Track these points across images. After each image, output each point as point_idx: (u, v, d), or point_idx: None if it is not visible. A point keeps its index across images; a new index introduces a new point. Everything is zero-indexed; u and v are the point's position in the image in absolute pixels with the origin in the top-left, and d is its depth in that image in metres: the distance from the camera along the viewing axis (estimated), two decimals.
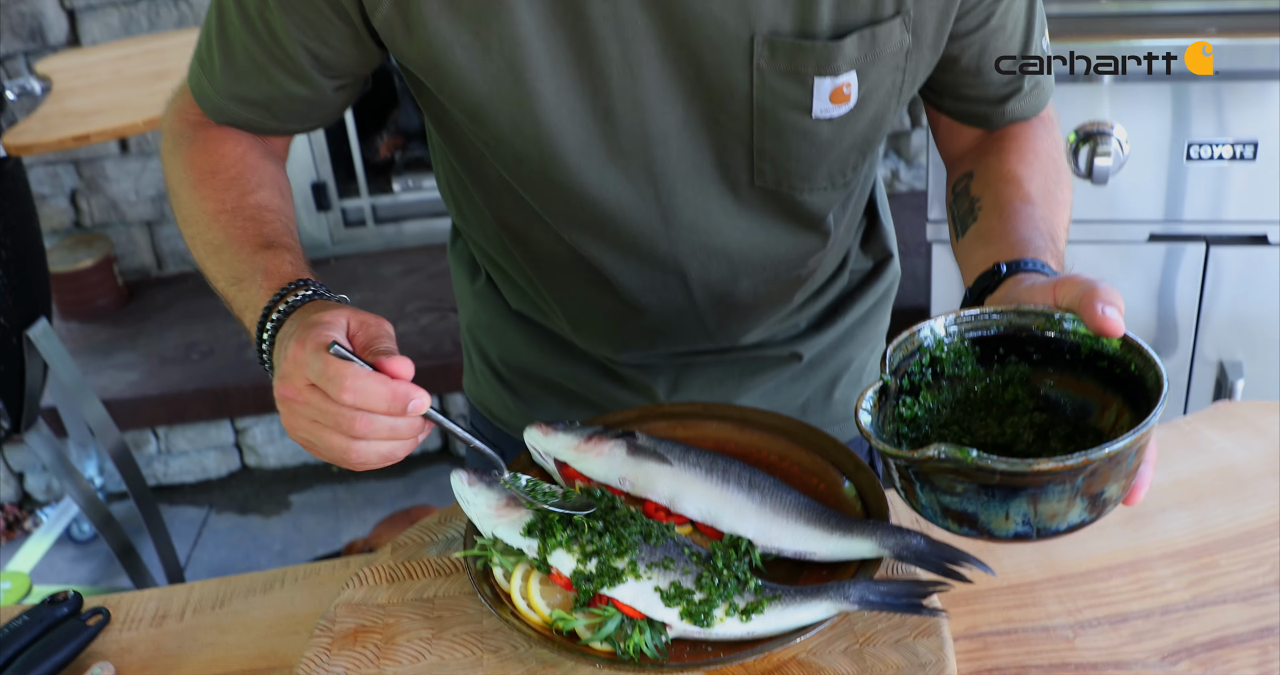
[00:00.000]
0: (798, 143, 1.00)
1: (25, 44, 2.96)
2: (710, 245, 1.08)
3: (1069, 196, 1.09)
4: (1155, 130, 1.82)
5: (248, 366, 2.83)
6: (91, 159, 3.10)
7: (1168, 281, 1.92)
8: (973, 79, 1.07)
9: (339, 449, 0.84)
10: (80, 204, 3.16)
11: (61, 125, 1.92)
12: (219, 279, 1.00)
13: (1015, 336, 0.86)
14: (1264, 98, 1.78)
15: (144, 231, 3.22)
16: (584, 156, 1.00)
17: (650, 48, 0.94)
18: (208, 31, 1.03)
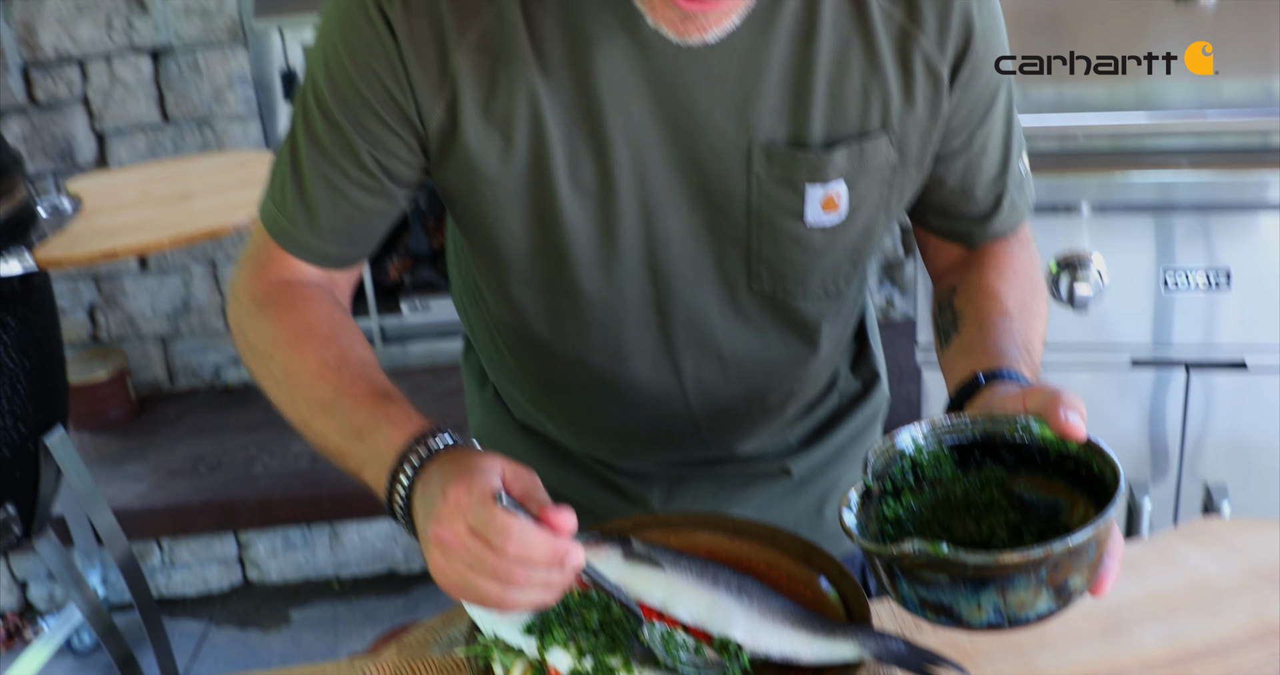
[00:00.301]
0: (792, 249, 1.07)
1: (55, 164, 3.08)
2: (707, 346, 1.14)
3: (1044, 309, 1.17)
4: (1132, 259, 1.90)
5: (254, 480, 2.87)
6: (112, 275, 3.19)
7: (1156, 406, 1.97)
8: (957, 198, 1.15)
9: (494, 596, 0.86)
10: (98, 318, 3.25)
11: (90, 241, 2.00)
12: (331, 434, 1.02)
13: (990, 442, 0.93)
14: (1236, 229, 1.87)
15: (158, 346, 3.30)
16: (593, 254, 1.07)
17: (658, 155, 1.03)
18: (280, 173, 1.09)
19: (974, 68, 1.06)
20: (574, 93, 1.00)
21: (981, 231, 1.18)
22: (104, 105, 3.08)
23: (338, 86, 1.02)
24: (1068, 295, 1.90)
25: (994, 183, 1.15)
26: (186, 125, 3.10)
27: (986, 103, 1.09)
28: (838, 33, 1.01)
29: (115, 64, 3.05)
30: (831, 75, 1.01)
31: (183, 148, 3.11)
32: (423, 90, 1.00)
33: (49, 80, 3.05)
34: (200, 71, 3.05)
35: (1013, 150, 1.16)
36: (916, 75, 1.03)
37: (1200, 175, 1.89)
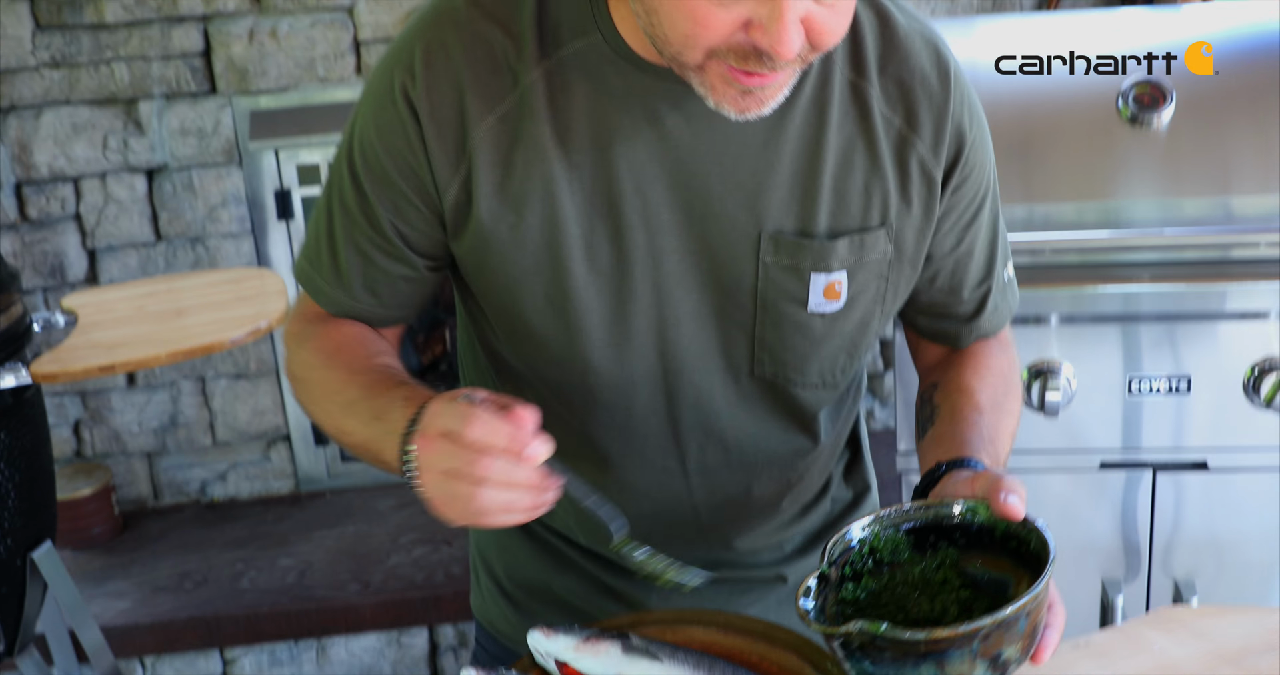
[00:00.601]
0: (794, 335, 1.14)
1: (45, 280, 3.14)
2: (710, 429, 1.20)
3: (1016, 407, 1.25)
4: (1099, 367, 1.98)
5: (240, 595, 2.87)
6: (99, 390, 3.23)
7: (1127, 506, 2.04)
8: (945, 298, 1.23)
9: (464, 496, 0.92)
10: (83, 434, 3.27)
11: (86, 356, 2.04)
12: (356, 429, 1.09)
13: (942, 525, 1.01)
14: (1194, 337, 1.95)
15: (144, 462, 3.32)
16: (605, 333, 1.13)
17: (672, 240, 1.10)
18: (316, 233, 1.18)
19: (964, 175, 1.15)
20: (595, 177, 1.07)
21: (967, 332, 1.27)
22: (96, 223, 3.15)
23: (366, 160, 1.11)
24: (1039, 401, 1.97)
25: (979, 285, 1.24)
26: (179, 243, 3.17)
27: (975, 208, 1.18)
28: (843, 134, 1.10)
29: (109, 182, 3.13)
30: (837, 173, 1.10)
31: (174, 265, 3.17)
32: (440, 166, 1.08)
33: (42, 198, 3.12)
34: (194, 190, 3.14)
35: (998, 256, 1.25)
36: (913, 177, 1.12)
37: (1162, 288, 1.98)
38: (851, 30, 1.10)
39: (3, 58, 3.02)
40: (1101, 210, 2.03)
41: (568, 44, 1.07)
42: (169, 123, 3.10)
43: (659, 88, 1.06)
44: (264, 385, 3.28)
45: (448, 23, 1.08)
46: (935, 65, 1.13)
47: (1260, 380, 1.94)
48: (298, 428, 3.30)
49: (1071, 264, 2.03)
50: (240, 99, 3.10)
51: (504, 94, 1.07)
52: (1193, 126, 2.03)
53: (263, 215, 3.18)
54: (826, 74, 1.10)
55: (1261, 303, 1.95)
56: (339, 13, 3.07)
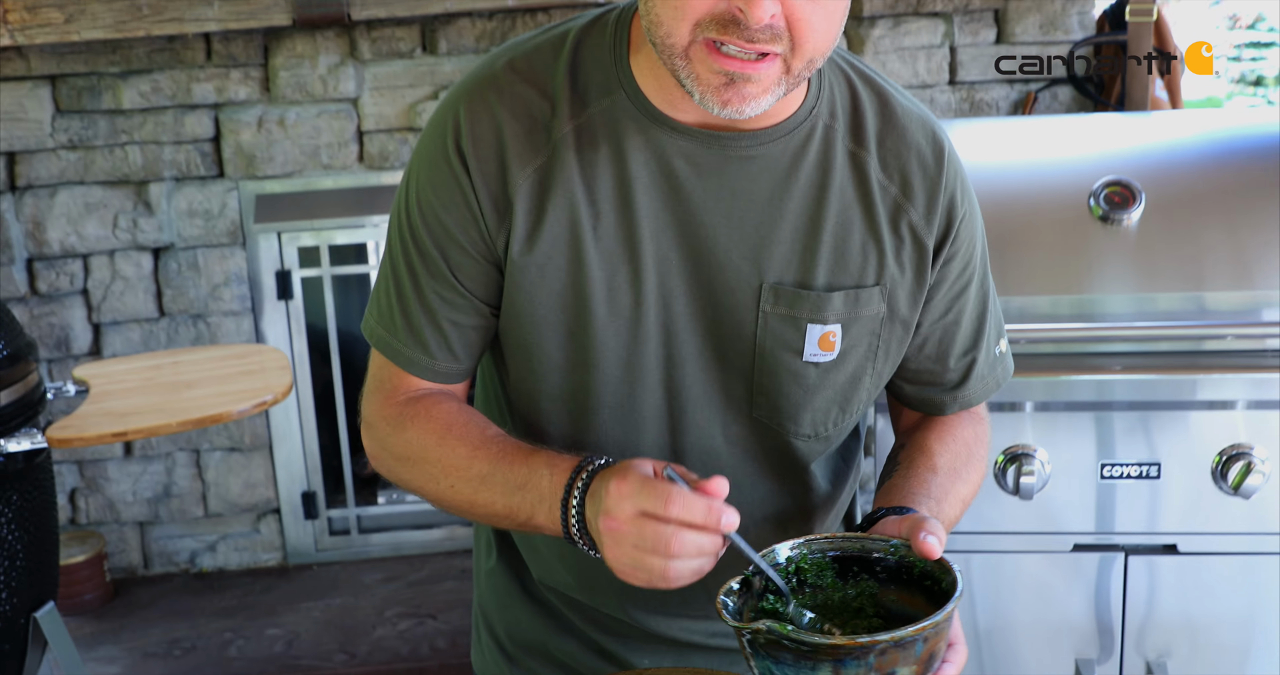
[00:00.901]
0: (789, 382, 1.22)
1: (51, 352, 3.21)
2: (710, 467, 1.26)
3: (974, 477, 1.32)
4: (1072, 452, 2.06)
5: (229, 664, 2.90)
6: (96, 460, 3.29)
7: (1100, 588, 2.10)
8: (932, 365, 1.31)
9: (658, 570, 1.00)
10: (78, 502, 3.32)
11: (100, 423, 2.12)
12: (497, 499, 1.15)
13: (865, 558, 1.10)
14: (1163, 425, 2.04)
15: (136, 531, 3.36)
16: (617, 370, 1.21)
17: (681, 285, 1.19)
18: (385, 298, 1.25)
19: (954, 249, 1.24)
20: (618, 224, 1.17)
21: (952, 400, 1.34)
22: (103, 298, 3.23)
23: (424, 217, 1.19)
24: (1014, 485, 2.05)
25: (965, 354, 1.32)
26: (181, 319, 3.26)
27: (965, 280, 1.27)
28: (844, 198, 1.20)
29: (118, 259, 3.22)
30: (836, 232, 1.19)
31: (176, 340, 3.26)
32: (490, 216, 1.17)
33: (52, 273, 3.22)
34: (199, 269, 3.23)
35: (987, 328, 1.33)
36: (906, 242, 1.22)
37: (1134, 378, 2.07)
38: (853, 106, 1.22)
39: (23, 139, 3.14)
40: (1075, 303, 2.13)
41: (595, 102, 1.18)
42: (177, 204, 3.21)
43: (675, 143, 1.17)
44: (257, 459, 3.34)
45: (489, 86, 1.19)
46: (930, 143, 1.24)
47: (1228, 467, 2.02)
48: (288, 501, 3.36)
49: (1046, 354, 2.12)
50: (247, 183, 3.22)
51: (540, 149, 1.17)
52: (1161, 225, 2.14)
53: (261, 294, 3.28)
54: (829, 143, 1.20)
55: (1229, 392, 2.03)
56: (344, 104, 3.20)
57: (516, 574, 1.43)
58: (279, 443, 3.33)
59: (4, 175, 3.18)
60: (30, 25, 2.88)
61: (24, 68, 3.11)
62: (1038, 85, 3.29)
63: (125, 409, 2.20)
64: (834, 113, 1.21)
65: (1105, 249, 2.13)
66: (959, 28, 3.24)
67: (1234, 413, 2.04)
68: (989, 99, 3.28)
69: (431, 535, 3.42)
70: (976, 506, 2.06)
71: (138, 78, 3.14)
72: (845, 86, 1.23)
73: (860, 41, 3.21)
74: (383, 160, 3.23)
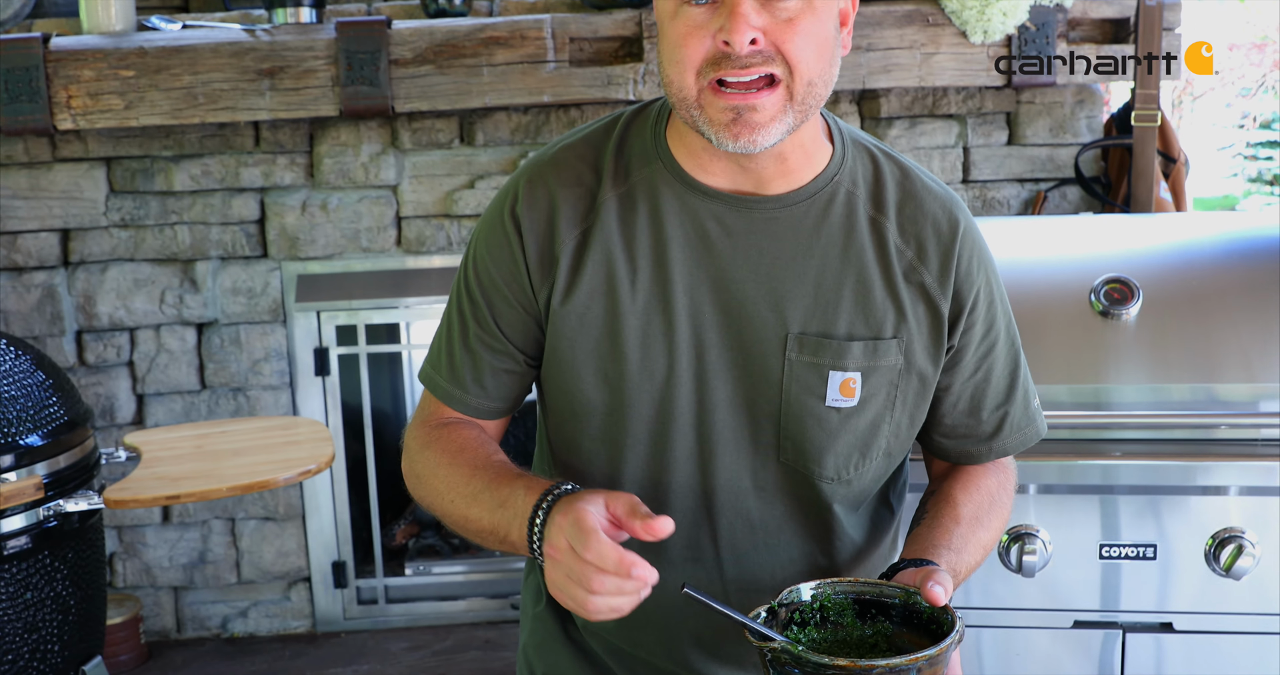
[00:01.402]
0: (813, 426, 1.33)
1: (96, 421, 3.34)
2: (738, 508, 1.38)
3: (997, 523, 1.44)
4: (1073, 533, 2.16)
5: None
6: (135, 525, 3.40)
7: (1103, 664, 2.18)
8: (966, 420, 1.43)
9: (579, 600, 1.12)
10: (116, 566, 3.43)
11: (155, 487, 2.24)
12: (483, 515, 1.28)
13: (881, 602, 1.23)
14: (1159, 509, 2.14)
15: (170, 596, 3.46)
16: (650, 411, 1.33)
17: (713, 336, 1.32)
18: (437, 343, 1.42)
19: (974, 317, 1.38)
20: (653, 279, 1.31)
21: (987, 450, 1.46)
22: (148, 370, 3.37)
23: (478, 273, 1.36)
24: (1016, 563, 2.15)
25: (998, 407, 1.44)
26: (222, 392, 3.39)
27: (990, 342, 1.40)
28: (863, 258, 1.33)
29: (163, 333, 3.37)
30: (856, 288, 1.32)
31: (216, 412, 3.38)
32: (536, 273, 1.33)
33: (100, 345, 3.36)
34: (240, 344, 3.37)
35: (1018, 385, 1.46)
36: (920, 302, 1.35)
37: (1133, 464, 2.17)
38: (875, 178, 1.36)
39: (77, 217, 3.30)
40: (1076, 392, 2.24)
41: (635, 172, 1.34)
42: (222, 282, 3.36)
43: (707, 206, 1.32)
44: (290, 529, 3.45)
45: (548, 164, 1.36)
46: (946, 217, 1.37)
47: (1220, 549, 2.12)
48: (318, 570, 3.46)
49: (1048, 439, 2.23)
50: (289, 263, 3.37)
51: (586, 215, 1.33)
52: (1159, 320, 2.26)
53: (300, 370, 3.41)
54: (851, 207, 1.34)
55: (1224, 479, 2.14)
56: (384, 190, 3.36)
57: (561, 619, 1.52)
58: (311, 513, 3.44)
59: (58, 251, 3.33)
60: (92, 111, 3.04)
61: (82, 150, 3.29)
62: (1048, 185, 3.43)
63: (177, 474, 2.32)
64: (855, 181, 1.35)
65: (1105, 342, 2.25)
66: (972, 129, 3.39)
67: (1226, 498, 2.14)
68: (1000, 197, 3.42)
69: (456, 607, 3.51)
70: (985, 583, 2.18)
71: (189, 161, 3.30)
72: (869, 161, 1.37)
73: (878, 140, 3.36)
74: (419, 245, 3.38)
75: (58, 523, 2.22)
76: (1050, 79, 3.18)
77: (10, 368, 2.22)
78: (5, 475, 2.13)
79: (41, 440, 2.20)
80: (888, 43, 3.12)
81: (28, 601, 2.15)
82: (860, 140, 1.40)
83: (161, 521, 3.42)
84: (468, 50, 3.05)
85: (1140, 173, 3.24)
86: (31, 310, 3.31)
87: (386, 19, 3.06)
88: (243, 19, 3.23)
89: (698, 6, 1.21)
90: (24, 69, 2.96)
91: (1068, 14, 3.18)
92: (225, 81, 3.03)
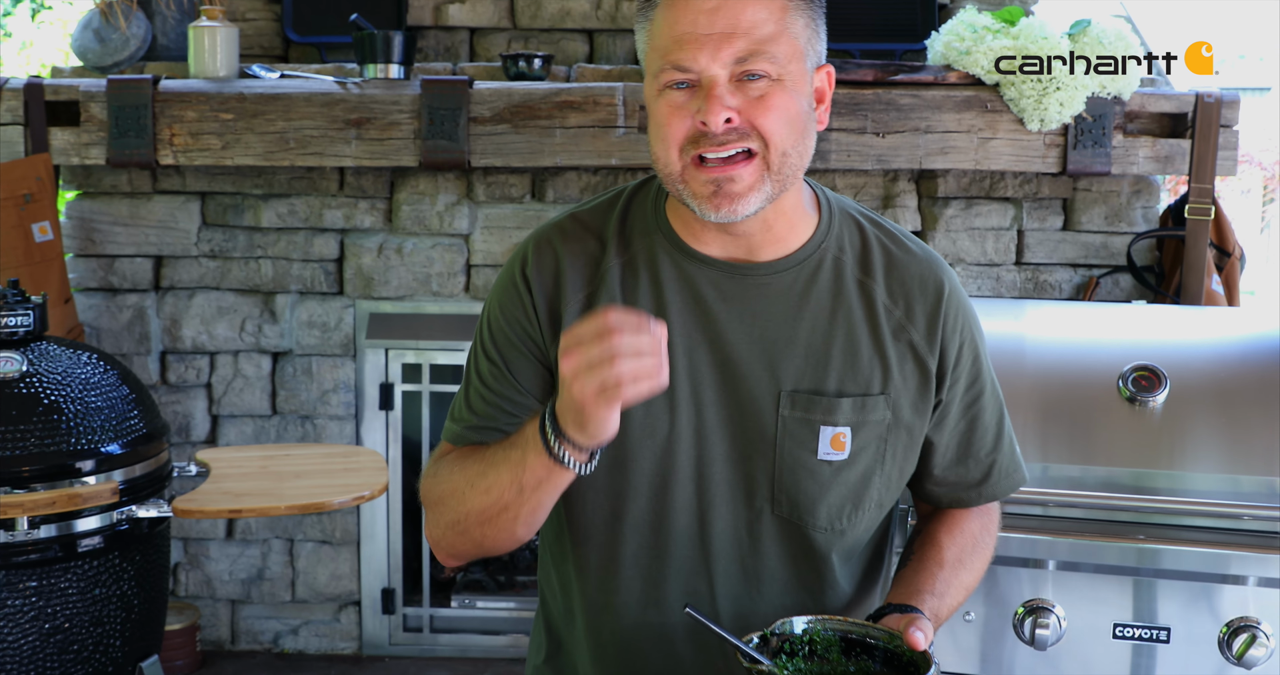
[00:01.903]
0: (806, 478, 1.41)
1: (172, 437, 3.51)
2: (735, 557, 1.45)
3: (979, 564, 1.53)
4: (1089, 611, 2.22)
5: None
6: (200, 539, 3.56)
7: None
8: (957, 468, 1.52)
9: (607, 380, 1.18)
10: (180, 576, 3.59)
11: (219, 500, 2.39)
12: (498, 478, 1.35)
13: (867, 643, 1.32)
14: (1176, 593, 2.20)
15: (228, 608, 3.62)
16: (653, 465, 1.42)
17: (710, 394, 1.41)
18: (456, 400, 1.50)
19: (959, 372, 1.47)
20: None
21: (977, 495, 1.55)
22: (224, 393, 3.55)
23: (493, 330, 1.47)
24: (1030, 636, 2.22)
25: (988, 454, 1.53)
26: (291, 418, 3.56)
27: (975, 394, 1.50)
28: (852, 319, 1.42)
29: (240, 360, 3.54)
30: (845, 347, 1.41)
31: (284, 437, 3.54)
32: (545, 328, 1.43)
33: (181, 366, 3.55)
34: (311, 375, 3.54)
35: (1004, 435, 1.55)
36: (908, 358, 1.44)
37: (1153, 547, 2.23)
38: (863, 245, 1.46)
39: (171, 245, 3.50)
40: (1098, 474, 2.32)
41: (636, 242, 1.45)
42: (299, 315, 3.53)
43: (702, 273, 1.42)
44: (345, 553, 3.60)
45: (555, 231, 1.48)
46: (932, 278, 1.46)
47: (1234, 638, 2.17)
48: (368, 595, 3.60)
49: (1072, 517, 2.31)
50: (363, 302, 3.53)
51: (590, 280, 1.44)
52: (1184, 409, 2.34)
53: (366, 403, 3.56)
54: (839, 272, 1.44)
55: (1243, 568, 2.19)
56: (457, 238, 3.52)
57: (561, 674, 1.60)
58: (366, 540, 3.58)
59: (151, 276, 3.53)
60: (192, 149, 3.25)
61: (180, 184, 3.49)
62: (1101, 271, 3.49)
63: (241, 491, 2.47)
64: (843, 248, 1.46)
65: (1130, 427, 2.33)
66: (1028, 213, 3.48)
67: (1244, 588, 2.19)
68: (1053, 281, 3.50)
69: (497, 641, 3.61)
70: (998, 653, 2.25)
71: (277, 200, 3.49)
72: (856, 230, 1.48)
73: (934, 219, 3.46)
74: (487, 292, 3.50)
75: (129, 527, 2.37)
76: (1105, 169, 3.26)
77: (99, 380, 2.40)
78: (85, 478, 2.29)
79: (120, 449, 2.36)
80: (946, 126, 3.24)
81: (96, 597, 2.31)
82: (846, 208, 1.50)
83: (225, 537, 3.58)
84: (542, 112, 3.22)
85: (1191, 265, 3.32)
86: (122, 329, 3.50)
87: (469, 79, 3.24)
88: (336, 71, 3.43)
89: (678, 90, 1.32)
90: (134, 107, 3.18)
91: (1125, 106, 3.27)
92: (315, 129, 3.22)
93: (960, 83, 3.26)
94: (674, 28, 1.32)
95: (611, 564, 1.49)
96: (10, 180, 3.17)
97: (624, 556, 1.48)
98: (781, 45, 1.32)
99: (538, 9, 3.65)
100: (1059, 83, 3.15)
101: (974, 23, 3.30)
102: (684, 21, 1.31)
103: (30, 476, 2.24)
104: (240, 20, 3.59)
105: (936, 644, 1.53)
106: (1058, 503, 2.32)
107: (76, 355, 2.42)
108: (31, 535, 2.24)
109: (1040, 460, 2.34)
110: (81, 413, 2.32)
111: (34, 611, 2.25)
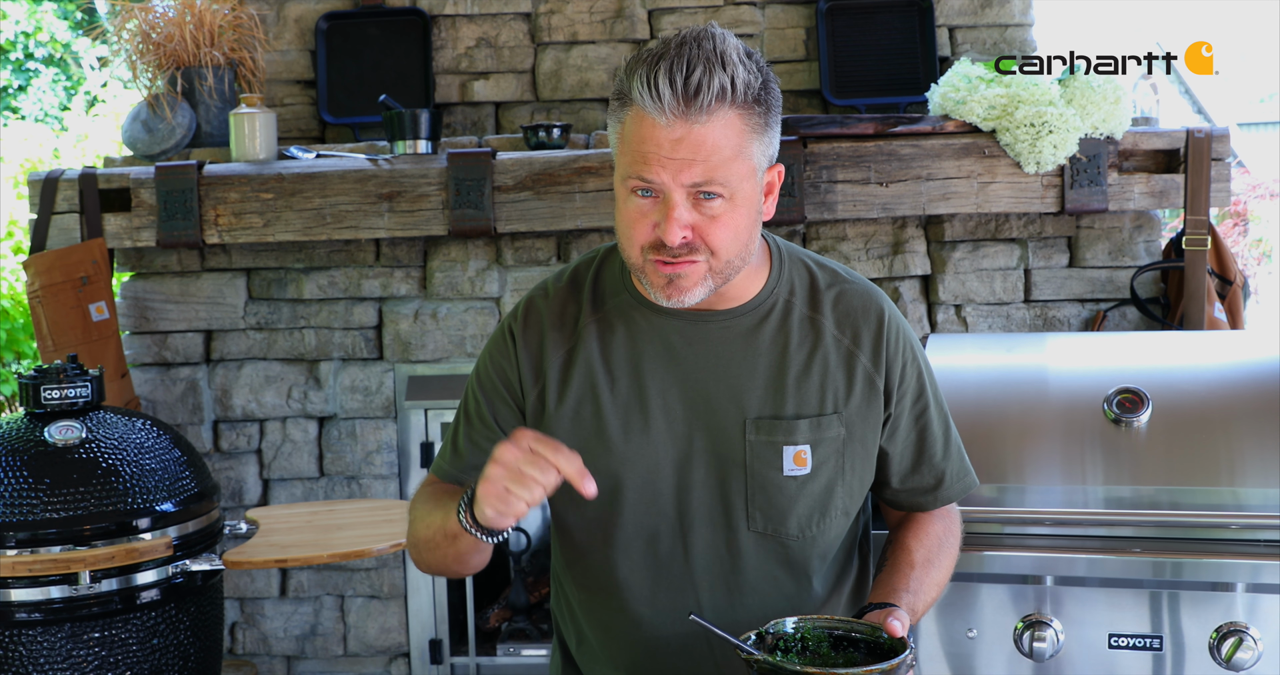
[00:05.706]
0: (775, 494, 1.57)
1: (227, 501, 3.70)
2: (718, 572, 1.61)
3: (946, 562, 1.67)
4: (1084, 623, 2.32)
5: None
6: (255, 598, 3.73)
7: None
8: (913, 475, 1.68)
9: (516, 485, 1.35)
10: (237, 634, 3.75)
11: (266, 552, 2.56)
12: (435, 520, 1.55)
13: (852, 636, 1.46)
14: (1166, 603, 2.30)
15: (284, 664, 3.77)
16: (636, 495, 1.58)
17: (684, 427, 1.57)
18: (445, 439, 1.68)
19: (905, 387, 1.63)
20: (630, 387, 1.57)
21: (934, 499, 1.71)
22: (273, 457, 3.74)
23: (481, 378, 1.65)
24: (1028, 649, 2.32)
25: (940, 461, 1.69)
26: (338, 479, 3.74)
27: (921, 407, 1.66)
28: (803, 350, 1.59)
29: (288, 425, 3.73)
30: (799, 375, 1.57)
31: (332, 497, 3.70)
32: (526, 380, 1.62)
33: (233, 434, 3.74)
34: (356, 437, 3.72)
35: (951, 443, 1.70)
36: (858, 379, 1.61)
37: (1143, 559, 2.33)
38: (811, 285, 1.62)
39: (219, 320, 3.71)
40: (1087, 492, 2.43)
41: (609, 301, 1.63)
42: (342, 380, 3.72)
43: (670, 323, 1.59)
44: (393, 607, 3.75)
45: (540, 294, 1.67)
46: (874, 308, 1.63)
47: (1222, 642, 2.27)
48: (417, 647, 3.74)
49: (1065, 535, 2.41)
50: (401, 366, 3.70)
51: (570, 336, 1.62)
52: (1167, 428, 2.45)
53: (408, 462, 3.73)
54: (789, 312, 1.61)
55: (1230, 576, 2.28)
56: (488, 302, 3.70)
57: None
58: (413, 593, 3.73)
59: (202, 349, 3.74)
60: (235, 228, 3.46)
61: (226, 261, 3.71)
62: (1108, 305, 3.60)
63: (287, 543, 2.65)
64: (793, 291, 1.63)
65: (1116, 447, 2.44)
66: (1033, 252, 3.60)
67: (1233, 594, 2.29)
68: (1061, 316, 3.61)
69: None
70: (1000, 669, 2.35)
71: (317, 273, 3.69)
72: (805, 273, 1.65)
73: (942, 263, 3.60)
74: None
75: (183, 580, 2.55)
76: (1102, 206, 3.39)
77: (153, 444, 2.59)
78: (142, 535, 2.47)
79: (174, 507, 2.55)
80: (946, 173, 3.39)
81: (154, 646, 2.48)
82: (796, 255, 1.67)
83: (279, 595, 3.75)
84: (562, 178, 3.41)
85: (1192, 294, 3.43)
86: (176, 401, 3.71)
87: (492, 150, 3.44)
88: (369, 149, 3.65)
89: (643, 197, 1.48)
90: (180, 191, 3.40)
91: (1118, 146, 3.40)
92: (350, 204, 3.43)
93: (958, 131, 3.41)
94: (642, 144, 1.46)
95: (609, 585, 1.66)
96: (68, 264, 3.40)
97: (617, 579, 1.65)
98: (737, 167, 1.47)
99: (558, 82, 3.86)
100: (1051, 126, 3.29)
101: (968, 73, 3.46)
102: (650, 141, 1.45)
103: (91, 534, 2.42)
104: (278, 106, 3.84)
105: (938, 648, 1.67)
106: (1052, 520, 2.42)
107: (131, 422, 2.62)
108: (94, 589, 2.41)
109: (1028, 483, 2.45)
110: (137, 474, 2.51)
111: (97, 661, 2.42)
